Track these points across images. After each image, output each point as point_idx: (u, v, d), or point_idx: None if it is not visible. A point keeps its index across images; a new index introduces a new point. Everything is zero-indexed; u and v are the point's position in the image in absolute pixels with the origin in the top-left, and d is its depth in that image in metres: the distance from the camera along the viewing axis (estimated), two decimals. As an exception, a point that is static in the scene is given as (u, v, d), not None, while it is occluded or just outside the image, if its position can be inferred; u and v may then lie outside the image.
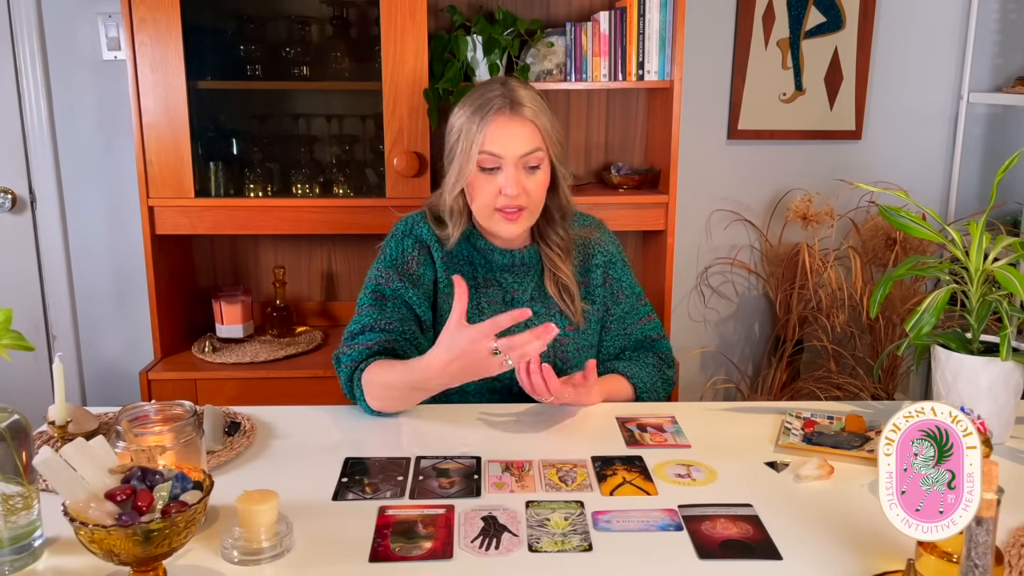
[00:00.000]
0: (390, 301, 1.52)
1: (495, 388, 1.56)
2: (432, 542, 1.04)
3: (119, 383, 2.76)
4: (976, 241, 1.28)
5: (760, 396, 2.79)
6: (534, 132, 1.47)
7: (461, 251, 1.58)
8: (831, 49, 2.71)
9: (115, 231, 2.67)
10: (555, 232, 1.59)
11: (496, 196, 1.48)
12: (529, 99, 1.49)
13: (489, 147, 1.46)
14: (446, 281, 1.55)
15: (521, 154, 1.46)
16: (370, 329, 1.49)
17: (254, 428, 1.37)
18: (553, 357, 1.56)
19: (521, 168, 1.47)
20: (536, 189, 1.49)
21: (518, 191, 1.46)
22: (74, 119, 2.60)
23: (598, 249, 1.64)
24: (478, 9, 2.50)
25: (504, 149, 1.46)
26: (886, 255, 2.67)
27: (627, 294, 1.65)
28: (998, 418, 1.29)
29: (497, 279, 1.58)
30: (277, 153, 2.49)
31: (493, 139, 1.46)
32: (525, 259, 1.59)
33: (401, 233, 1.58)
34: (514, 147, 1.46)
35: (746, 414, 1.46)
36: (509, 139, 1.46)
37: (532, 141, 1.47)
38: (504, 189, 1.46)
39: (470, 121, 1.48)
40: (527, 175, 1.48)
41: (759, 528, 1.08)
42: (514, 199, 1.47)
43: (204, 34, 2.37)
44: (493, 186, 1.47)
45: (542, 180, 1.50)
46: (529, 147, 1.47)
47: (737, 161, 2.79)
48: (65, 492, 0.90)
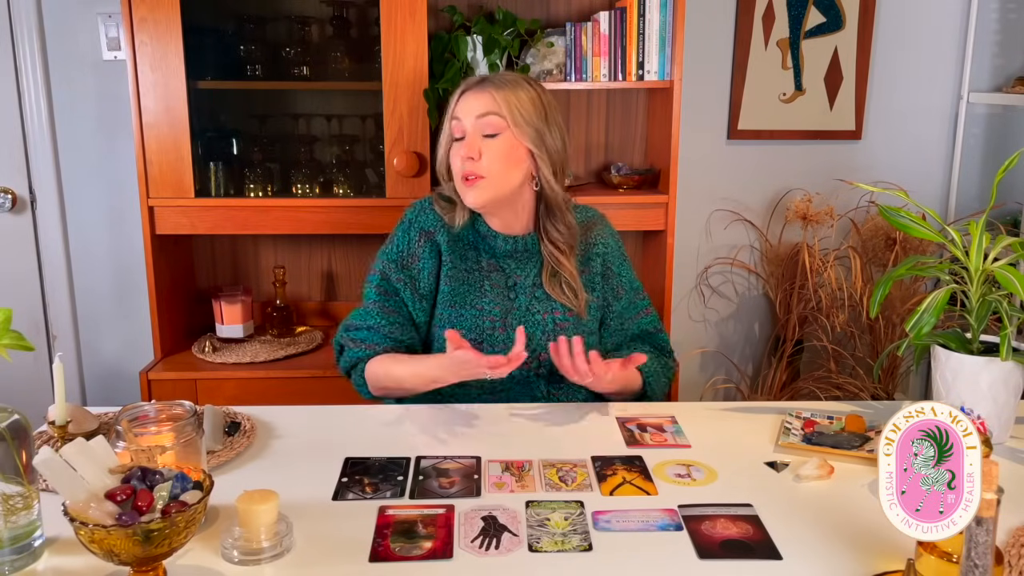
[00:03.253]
0: (392, 299, 1.60)
1: (495, 390, 1.57)
2: (432, 542, 1.04)
3: (119, 383, 2.76)
4: (976, 241, 1.28)
5: (760, 396, 2.79)
6: (491, 100, 1.53)
7: (467, 235, 1.62)
8: (831, 49, 2.71)
9: (115, 231, 2.67)
10: (554, 226, 1.60)
11: (460, 163, 1.54)
12: (505, 77, 1.57)
13: (455, 112, 1.56)
14: (450, 265, 1.59)
15: (476, 115, 1.53)
16: (374, 330, 1.58)
17: (254, 428, 1.37)
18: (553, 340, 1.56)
19: (478, 135, 1.53)
20: (492, 157, 1.52)
21: (470, 152, 1.52)
22: (74, 119, 2.60)
23: (599, 240, 1.66)
24: (478, 9, 2.50)
25: (463, 113, 1.54)
26: (886, 255, 2.67)
27: (626, 289, 1.67)
28: (998, 418, 1.29)
29: (500, 265, 1.61)
30: (277, 153, 2.49)
31: (459, 108, 1.56)
32: (528, 245, 1.61)
33: (408, 222, 1.64)
34: (471, 111, 1.54)
35: (746, 414, 1.46)
36: (469, 105, 1.54)
37: (487, 106, 1.53)
38: (460, 151, 1.53)
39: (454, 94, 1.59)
40: (484, 142, 1.53)
41: (759, 528, 1.08)
42: (467, 162, 1.52)
43: (204, 34, 2.37)
44: (459, 154, 1.55)
45: (499, 148, 1.53)
46: (483, 110, 1.53)
47: (737, 161, 2.79)
48: (65, 492, 0.90)
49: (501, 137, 1.53)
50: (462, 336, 1.45)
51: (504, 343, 1.54)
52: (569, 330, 1.57)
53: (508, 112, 1.52)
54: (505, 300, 1.58)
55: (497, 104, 1.52)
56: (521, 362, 1.37)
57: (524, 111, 1.54)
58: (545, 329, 1.57)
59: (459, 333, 1.43)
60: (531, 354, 1.55)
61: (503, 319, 1.56)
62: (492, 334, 1.55)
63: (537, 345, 1.56)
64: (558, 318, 1.58)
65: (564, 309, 1.58)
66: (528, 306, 1.58)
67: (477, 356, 1.37)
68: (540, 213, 1.60)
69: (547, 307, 1.58)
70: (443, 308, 1.58)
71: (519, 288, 1.59)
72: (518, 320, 1.56)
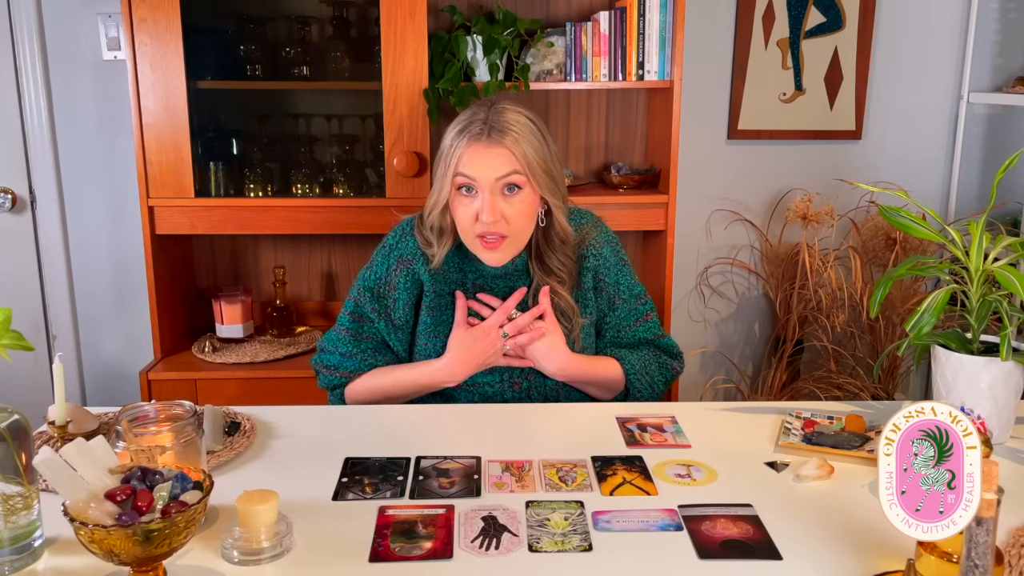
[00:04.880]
0: (366, 325, 1.59)
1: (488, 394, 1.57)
2: (432, 542, 1.04)
3: (119, 383, 2.76)
4: (976, 241, 1.28)
5: (760, 396, 2.79)
6: (510, 157, 1.43)
7: (452, 258, 1.56)
8: (831, 49, 2.71)
9: (115, 231, 2.67)
10: (556, 258, 1.54)
11: (474, 222, 1.45)
12: (512, 125, 1.44)
13: (463, 169, 1.44)
14: (432, 295, 1.54)
15: (496, 177, 1.43)
16: (349, 358, 1.58)
17: (254, 428, 1.37)
18: None
19: (499, 193, 1.44)
20: (516, 216, 1.45)
21: (495, 217, 1.43)
22: (74, 119, 2.60)
23: (591, 252, 1.58)
24: (478, 9, 2.50)
25: (478, 172, 1.43)
26: (886, 255, 2.67)
27: (624, 298, 1.60)
28: (998, 418, 1.29)
29: (489, 285, 1.56)
30: (277, 153, 2.49)
31: (467, 163, 1.43)
32: (518, 266, 1.55)
33: (388, 248, 1.58)
34: (488, 171, 1.43)
35: (746, 414, 1.46)
36: (484, 163, 1.43)
37: (508, 164, 1.43)
38: (481, 215, 1.43)
39: (452, 142, 1.46)
40: (505, 200, 1.44)
41: (759, 528, 1.08)
42: (492, 226, 1.44)
43: (204, 34, 2.37)
44: (471, 210, 1.45)
45: (523, 206, 1.46)
46: (504, 170, 1.43)
47: (737, 161, 2.79)
48: (65, 492, 0.90)
49: (523, 193, 1.45)
50: None
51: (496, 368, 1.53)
52: None
53: (528, 168, 1.44)
54: None
55: (517, 160, 1.43)
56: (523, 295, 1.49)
57: (539, 159, 1.45)
58: None
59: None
60: (521, 374, 1.55)
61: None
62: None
63: (528, 369, 1.54)
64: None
65: None
66: (523, 301, 1.55)
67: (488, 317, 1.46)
68: (538, 242, 1.54)
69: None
70: (427, 339, 1.54)
71: None
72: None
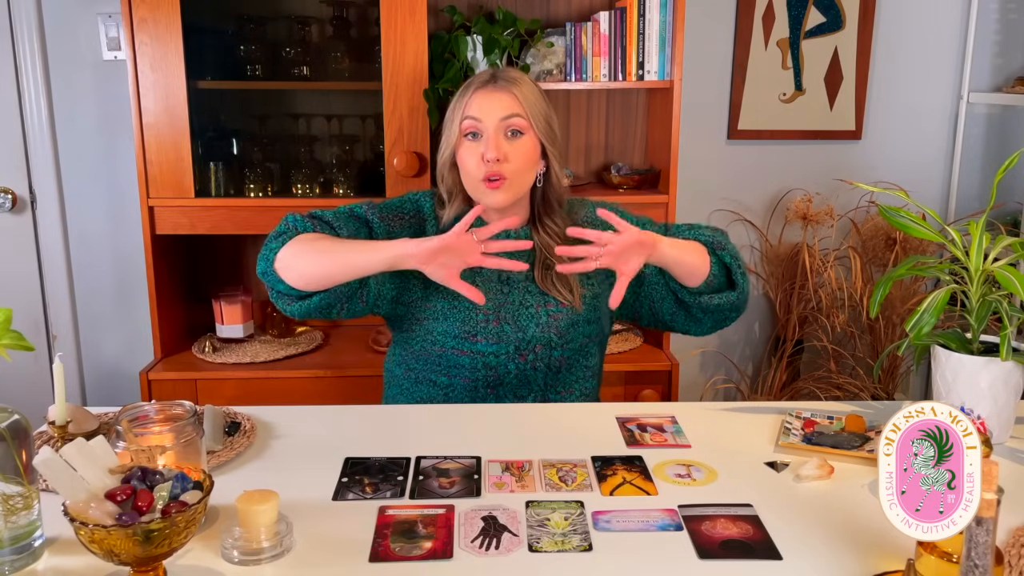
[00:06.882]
0: (358, 223, 1.58)
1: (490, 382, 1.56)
2: (432, 542, 1.04)
3: (119, 383, 2.76)
4: (976, 241, 1.28)
5: (760, 396, 2.79)
6: (514, 100, 1.52)
7: None
8: (831, 49, 2.71)
9: (115, 231, 2.67)
10: (552, 220, 1.60)
11: (480, 164, 1.51)
12: (517, 77, 1.55)
13: (470, 112, 1.52)
14: None
15: (500, 117, 1.51)
16: (327, 224, 1.55)
17: (254, 428, 1.37)
18: (548, 332, 1.56)
19: (502, 134, 1.51)
20: (518, 157, 1.51)
21: (498, 153, 1.49)
22: (74, 119, 2.60)
23: (584, 223, 1.62)
24: (478, 9, 2.50)
25: (483, 113, 1.51)
26: (886, 255, 2.67)
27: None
28: (998, 418, 1.29)
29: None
30: (277, 153, 2.49)
31: (474, 105, 1.52)
32: (520, 235, 1.59)
33: (408, 198, 1.65)
34: (493, 112, 1.51)
35: (746, 414, 1.46)
36: (489, 106, 1.52)
37: (512, 107, 1.52)
38: (484, 153, 1.50)
39: (461, 92, 1.56)
40: (508, 141, 1.52)
41: (759, 528, 1.08)
42: (495, 165, 1.49)
43: (204, 34, 2.37)
44: (477, 153, 1.51)
45: (525, 149, 1.53)
46: (508, 111, 1.51)
47: (737, 161, 2.79)
48: (65, 492, 0.90)
49: (525, 137, 1.53)
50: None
51: (497, 336, 1.54)
52: (563, 322, 1.57)
53: (530, 111, 1.52)
54: (498, 294, 1.57)
55: (520, 104, 1.52)
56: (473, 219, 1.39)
57: (540, 107, 1.55)
58: (539, 322, 1.55)
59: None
60: (527, 347, 1.55)
61: (496, 313, 1.55)
62: (486, 327, 1.54)
63: (532, 338, 1.55)
64: (551, 310, 1.56)
65: (557, 301, 1.58)
66: (521, 300, 1.57)
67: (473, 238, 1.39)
68: (537, 206, 1.60)
69: (540, 300, 1.57)
70: (436, 300, 1.57)
71: (512, 282, 1.58)
72: (511, 314, 1.55)
